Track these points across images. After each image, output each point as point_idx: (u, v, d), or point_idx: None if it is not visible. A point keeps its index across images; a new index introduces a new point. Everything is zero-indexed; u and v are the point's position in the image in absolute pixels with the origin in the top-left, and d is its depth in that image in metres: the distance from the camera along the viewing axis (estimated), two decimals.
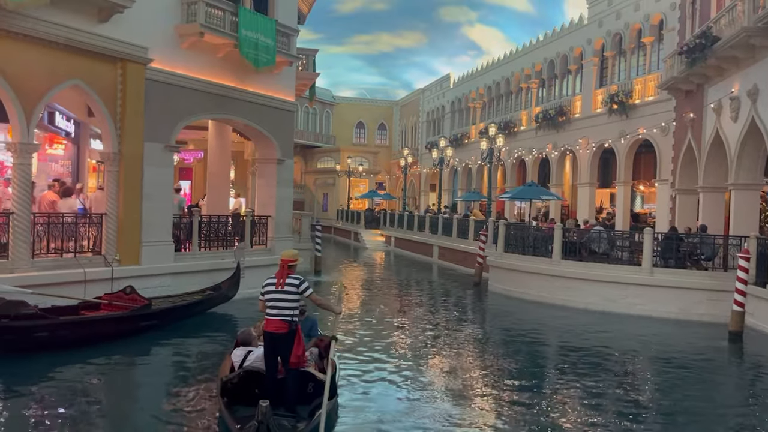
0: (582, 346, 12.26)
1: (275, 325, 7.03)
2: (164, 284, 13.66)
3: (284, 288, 7.04)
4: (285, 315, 7.03)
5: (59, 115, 15.42)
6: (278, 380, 7.19)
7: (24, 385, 8.49)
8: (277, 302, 7.04)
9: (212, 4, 14.32)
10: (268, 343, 7.13)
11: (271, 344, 7.11)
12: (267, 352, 7.19)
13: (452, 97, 42.55)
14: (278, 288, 7.05)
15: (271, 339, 7.08)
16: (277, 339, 7.04)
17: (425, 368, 10.33)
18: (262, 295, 7.20)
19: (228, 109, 15.70)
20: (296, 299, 7.08)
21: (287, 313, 7.04)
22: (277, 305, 7.04)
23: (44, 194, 13.35)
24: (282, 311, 7.02)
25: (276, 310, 7.04)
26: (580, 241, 17.03)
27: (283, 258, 7.25)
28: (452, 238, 26.24)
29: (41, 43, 11.51)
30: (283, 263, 7.19)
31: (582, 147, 26.43)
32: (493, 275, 19.22)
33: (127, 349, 10.54)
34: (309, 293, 7.20)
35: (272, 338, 7.07)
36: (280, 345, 7.07)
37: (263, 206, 17.54)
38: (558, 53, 29.40)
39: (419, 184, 47.61)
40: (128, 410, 8.08)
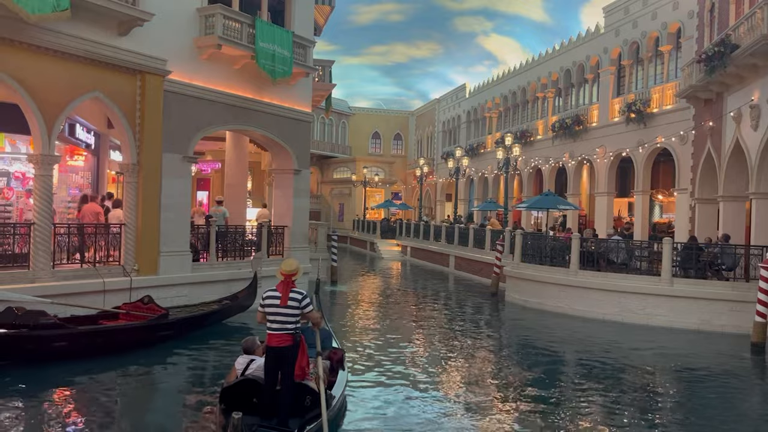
0: (601, 358, 12.12)
1: (279, 339, 6.84)
2: (182, 294, 13.76)
3: (288, 303, 6.82)
4: (288, 329, 6.85)
5: (80, 127, 15.63)
6: (276, 391, 7.05)
7: (43, 393, 8.58)
8: (280, 316, 6.84)
9: (230, 16, 14.48)
10: (271, 357, 6.92)
11: (274, 358, 6.90)
12: (268, 366, 6.98)
13: (468, 106, 42.53)
14: (283, 303, 6.82)
15: (274, 353, 6.88)
16: (281, 353, 6.85)
17: (441, 379, 10.27)
18: (261, 307, 6.97)
19: (245, 120, 15.82)
20: (298, 314, 6.89)
21: (290, 326, 6.85)
22: (279, 319, 6.84)
23: (89, 206, 13.61)
24: (285, 325, 6.84)
25: (278, 324, 6.85)
26: (598, 251, 16.88)
27: (285, 271, 6.96)
28: (468, 247, 26.13)
29: (62, 56, 11.70)
30: (286, 277, 6.93)
31: (599, 156, 26.26)
32: (509, 285, 19.09)
33: (144, 359, 10.59)
34: (309, 310, 6.98)
35: (276, 352, 6.87)
36: (284, 358, 6.88)
37: (280, 216, 17.61)
38: (574, 62, 29.30)
39: (435, 194, 47.55)
40: (144, 419, 8.12)
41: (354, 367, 10.50)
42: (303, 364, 7.10)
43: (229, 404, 6.95)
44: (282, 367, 6.92)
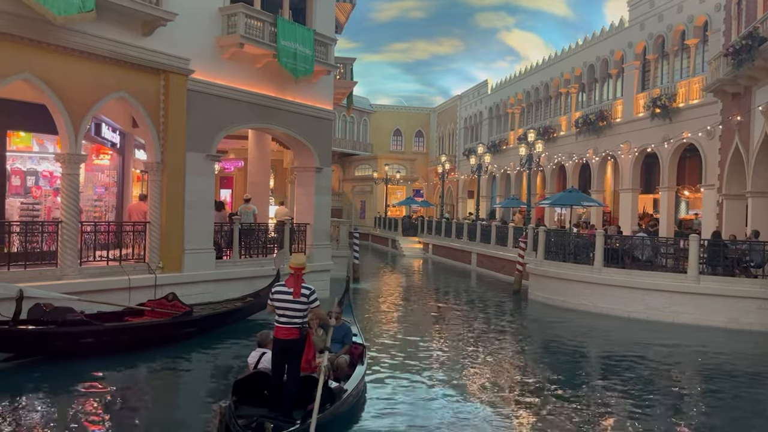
0: (625, 356, 11.98)
1: (287, 332, 7.04)
2: (205, 291, 13.90)
3: (299, 298, 7.02)
4: (296, 323, 7.05)
5: (105, 127, 15.84)
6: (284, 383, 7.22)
7: (70, 388, 8.73)
8: (289, 311, 7.04)
9: (252, 15, 14.56)
10: (278, 349, 7.13)
11: (281, 350, 7.11)
12: (276, 358, 7.19)
13: (490, 103, 42.27)
14: (295, 297, 7.02)
15: (281, 345, 7.09)
16: (288, 345, 7.05)
17: (462, 377, 10.22)
18: (271, 300, 7.20)
19: (267, 118, 15.91)
20: (306, 308, 7.09)
21: (298, 321, 7.06)
22: (288, 314, 7.04)
23: (136, 204, 14.20)
24: (293, 319, 7.04)
25: (286, 318, 7.05)
26: (622, 248, 16.68)
27: (295, 266, 7.19)
28: (491, 245, 25.99)
29: (88, 56, 11.88)
30: (297, 271, 7.14)
31: (624, 152, 25.93)
32: (532, 283, 18.96)
33: (168, 355, 10.73)
34: (316, 305, 7.18)
35: (283, 345, 7.08)
36: (291, 351, 7.07)
37: (302, 214, 17.70)
38: (598, 57, 28.94)
39: (457, 191, 47.38)
40: (168, 414, 8.22)
41: (375, 364, 10.54)
42: (309, 357, 7.27)
43: (240, 396, 7.13)
44: (288, 360, 7.10)
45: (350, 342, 9.22)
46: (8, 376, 9.28)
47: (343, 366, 8.52)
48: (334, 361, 8.45)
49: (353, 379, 8.24)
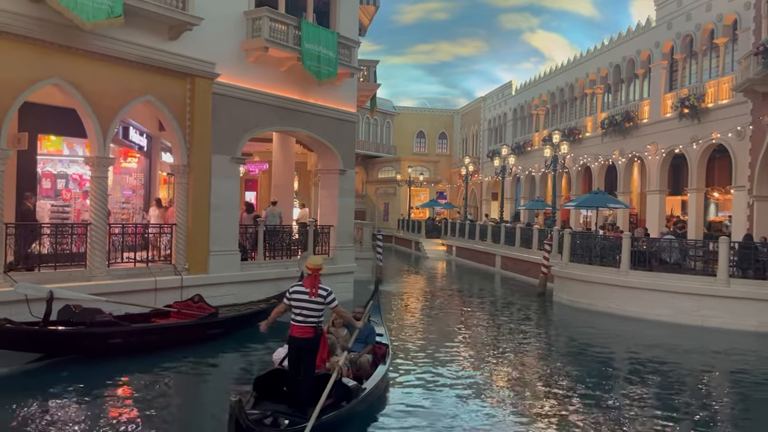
0: (653, 360, 11.79)
1: (302, 330, 7.21)
2: (230, 293, 14.01)
3: (316, 297, 7.19)
4: (311, 322, 7.22)
5: (133, 130, 16.08)
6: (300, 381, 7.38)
7: (99, 388, 8.87)
8: (305, 310, 7.20)
9: (276, 18, 14.67)
10: (294, 347, 7.30)
11: (296, 349, 7.27)
12: (292, 356, 7.35)
13: (514, 104, 42.00)
14: (312, 296, 7.19)
15: (296, 344, 7.25)
16: (303, 344, 7.21)
17: (486, 380, 10.16)
18: (287, 299, 7.37)
19: (291, 121, 16.00)
20: (322, 308, 7.26)
21: (313, 320, 7.22)
22: (305, 312, 7.21)
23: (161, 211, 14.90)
24: (308, 318, 7.20)
25: (302, 317, 7.21)
26: (649, 250, 16.43)
27: (312, 267, 7.33)
28: (515, 247, 25.81)
29: (116, 61, 12.07)
30: (313, 272, 7.29)
31: (651, 153, 25.56)
32: (558, 285, 18.78)
33: (194, 356, 10.83)
34: (334, 305, 7.36)
35: (298, 343, 7.24)
36: (305, 350, 7.23)
37: (326, 216, 17.76)
38: (624, 57, 28.59)
39: (481, 193, 47.13)
40: (195, 415, 8.30)
41: (399, 365, 10.56)
42: (324, 355, 7.50)
43: (261, 392, 7.42)
44: (303, 358, 7.24)
45: (373, 342, 9.34)
46: (39, 376, 9.46)
47: (366, 365, 8.67)
48: (357, 360, 8.61)
49: (373, 378, 8.35)
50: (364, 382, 8.14)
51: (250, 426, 6.04)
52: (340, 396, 7.33)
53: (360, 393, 7.61)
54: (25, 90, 10.87)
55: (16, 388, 8.86)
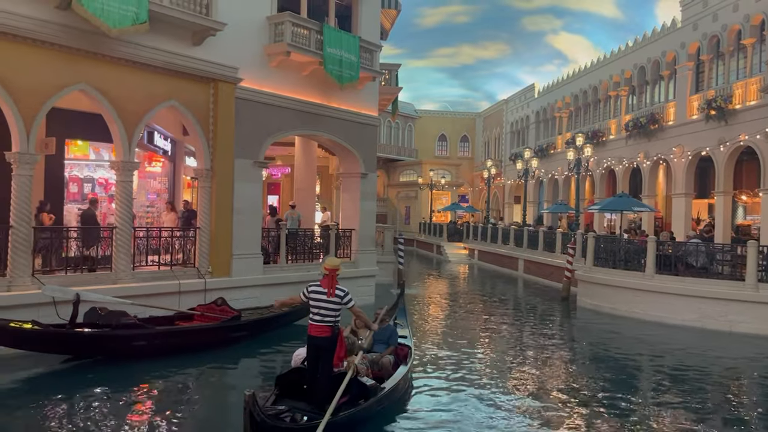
0: (679, 366, 11.60)
1: (319, 329, 7.39)
2: (253, 296, 14.10)
3: (333, 297, 7.38)
4: (328, 321, 7.39)
5: (157, 135, 16.29)
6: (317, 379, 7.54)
7: (124, 390, 8.97)
8: (323, 309, 7.39)
9: (298, 23, 14.75)
10: (311, 346, 7.49)
11: (314, 348, 7.46)
12: (310, 354, 7.55)
13: (537, 107, 41.71)
14: (329, 296, 7.38)
15: (314, 342, 7.44)
16: (320, 342, 7.39)
17: (509, 384, 10.06)
18: (305, 296, 7.56)
19: (313, 125, 16.07)
20: (339, 308, 7.44)
21: (330, 319, 7.39)
22: (322, 312, 7.39)
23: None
24: (325, 318, 7.38)
25: (320, 316, 7.39)
26: (675, 254, 16.19)
27: (329, 267, 7.52)
28: (538, 251, 25.60)
29: (141, 66, 12.24)
30: (331, 272, 7.48)
31: (676, 155, 25.19)
32: (581, 290, 18.58)
33: (217, 359, 10.91)
34: (351, 305, 7.53)
35: (316, 342, 7.42)
36: (323, 348, 7.40)
37: (347, 219, 17.79)
38: (649, 59, 28.23)
39: (503, 196, 46.86)
40: (217, 416, 8.35)
41: (421, 368, 10.55)
42: (341, 354, 7.64)
43: (282, 390, 7.62)
44: (321, 357, 7.41)
45: (395, 343, 9.47)
46: (66, 377, 9.60)
47: (387, 366, 8.76)
48: (379, 360, 8.73)
49: (393, 378, 8.45)
50: (385, 382, 8.23)
51: (264, 419, 6.21)
52: (356, 394, 7.48)
53: (378, 392, 7.73)
54: (52, 96, 11.07)
55: (44, 388, 9.01)
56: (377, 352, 9.07)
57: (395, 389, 8.29)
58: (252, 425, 6.15)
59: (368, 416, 7.59)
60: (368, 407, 7.48)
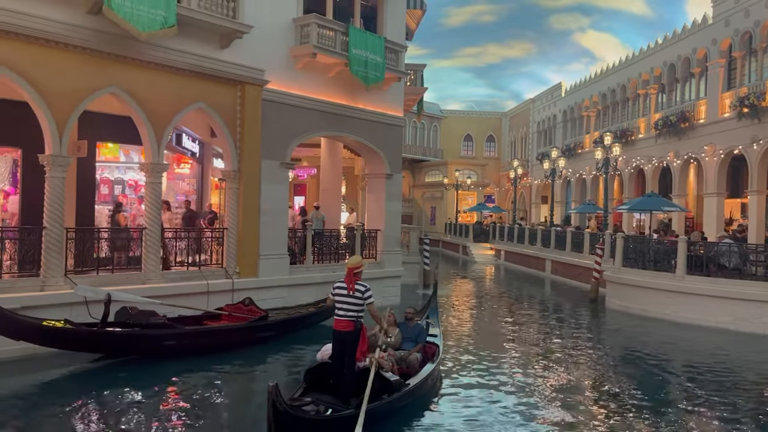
0: (712, 369, 11.38)
1: (342, 324, 7.82)
2: (280, 296, 14.19)
3: (353, 293, 7.78)
4: (350, 316, 7.80)
5: (186, 137, 16.49)
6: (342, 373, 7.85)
7: (154, 388, 9.11)
8: (345, 305, 7.81)
9: (324, 25, 14.81)
10: (337, 340, 7.90)
11: (339, 341, 7.87)
12: (335, 348, 7.98)
13: (564, 106, 41.29)
14: (349, 293, 7.80)
15: (338, 336, 7.85)
16: (344, 336, 7.80)
17: (536, 387, 9.95)
18: (331, 294, 8.00)
19: (339, 126, 16.12)
20: (361, 303, 7.79)
21: (352, 314, 7.80)
22: (344, 307, 7.81)
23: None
24: (348, 312, 7.79)
25: (343, 311, 7.82)
26: (707, 254, 15.87)
27: (349, 266, 7.99)
28: (566, 251, 25.33)
29: (169, 69, 12.41)
30: (350, 270, 7.93)
31: (708, 154, 24.71)
32: (610, 291, 18.33)
33: (245, 358, 11.01)
34: (370, 302, 7.86)
35: (340, 336, 7.84)
36: (346, 342, 7.80)
37: (373, 220, 17.81)
38: (679, 56, 27.75)
39: (530, 197, 46.49)
40: (245, 415, 8.42)
41: (448, 367, 10.60)
42: (363, 348, 8.01)
43: (310, 384, 8.00)
44: (345, 350, 7.81)
45: (423, 341, 9.70)
46: (98, 376, 9.77)
47: (415, 363, 8.98)
48: (407, 358, 8.96)
49: (419, 375, 8.64)
50: (410, 379, 8.43)
51: (286, 409, 6.43)
52: (379, 389, 7.67)
53: (402, 388, 7.96)
54: (84, 99, 11.28)
55: (76, 387, 9.18)
56: (406, 350, 9.26)
57: (420, 386, 8.44)
58: (275, 415, 6.33)
59: (392, 411, 7.78)
60: (391, 402, 7.69)
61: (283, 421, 6.37)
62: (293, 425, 6.46)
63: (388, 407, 7.62)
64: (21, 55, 10.45)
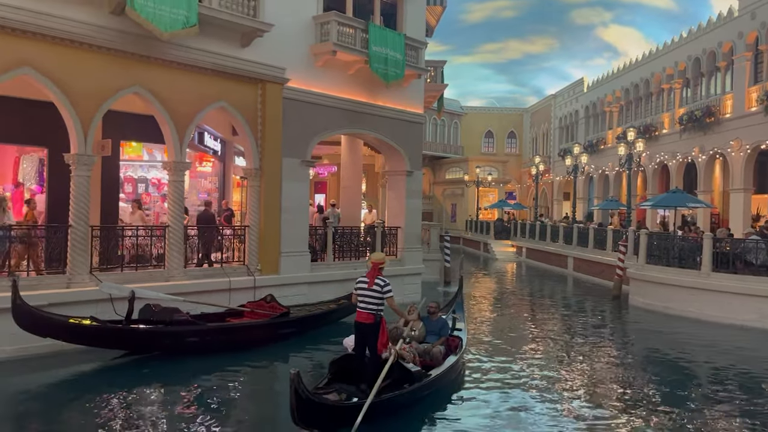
0: (739, 368, 11.19)
1: (363, 316, 8.21)
2: (301, 293, 14.26)
3: (373, 287, 8.17)
4: (371, 309, 8.18)
5: (208, 135, 16.63)
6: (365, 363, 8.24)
7: (177, 385, 9.21)
8: (366, 297, 8.21)
9: (344, 22, 14.82)
10: (358, 331, 8.33)
11: (360, 333, 8.29)
12: (356, 339, 8.42)
13: (586, 101, 40.87)
14: (369, 286, 8.18)
15: (360, 328, 8.27)
16: (365, 328, 8.21)
17: (558, 386, 9.87)
18: (355, 290, 8.36)
19: (359, 123, 16.14)
20: (380, 297, 8.16)
21: (372, 307, 8.17)
22: (365, 300, 8.21)
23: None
24: (368, 305, 8.18)
25: (364, 304, 8.21)
26: (733, 251, 15.61)
27: (374, 260, 8.48)
28: (588, 248, 25.09)
29: (191, 69, 12.51)
30: (374, 265, 8.39)
31: (734, 149, 24.29)
32: (633, 288, 18.12)
33: (266, 355, 11.09)
34: (389, 296, 8.23)
35: (361, 327, 8.26)
36: (367, 333, 8.19)
37: (393, 217, 17.80)
38: (704, 50, 27.30)
39: (552, 193, 46.11)
40: (267, 413, 8.49)
41: (471, 363, 10.68)
42: (383, 340, 8.31)
43: (334, 375, 8.32)
44: (365, 341, 8.23)
45: (446, 334, 10.00)
46: (123, 372, 9.90)
47: (438, 356, 9.27)
48: (430, 351, 9.30)
49: (441, 366, 8.94)
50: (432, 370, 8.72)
51: (308, 396, 6.71)
52: (399, 378, 8.03)
53: (423, 378, 8.29)
54: (108, 99, 11.43)
55: (103, 383, 9.31)
56: (429, 343, 9.52)
57: (442, 377, 8.73)
58: (297, 402, 6.57)
59: (413, 400, 8.07)
60: (412, 391, 8.00)
61: (305, 407, 6.63)
62: (315, 411, 6.77)
63: (409, 396, 7.93)
64: (46, 55, 10.62)
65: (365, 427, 6.98)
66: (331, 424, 6.90)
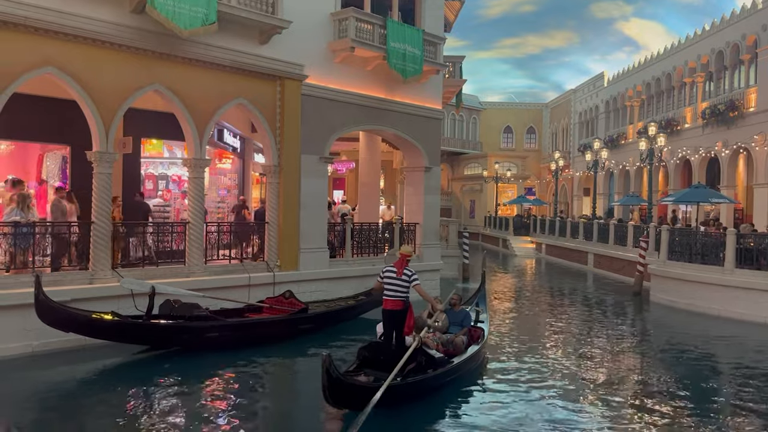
0: (762, 366, 11.00)
1: (391, 303, 8.74)
2: (320, 289, 14.31)
3: (401, 276, 8.72)
4: (399, 296, 8.73)
5: (227, 132, 16.73)
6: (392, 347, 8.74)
7: (197, 379, 9.30)
8: (394, 286, 8.73)
9: (362, 18, 14.81)
10: (386, 317, 8.84)
11: (389, 318, 8.81)
12: (385, 325, 8.90)
13: (607, 96, 40.43)
14: (398, 276, 8.72)
15: (388, 314, 8.79)
16: (393, 314, 8.75)
17: (578, 383, 9.79)
18: (380, 278, 8.88)
19: (377, 119, 16.12)
20: (408, 285, 8.73)
21: (401, 294, 8.73)
22: (393, 288, 8.73)
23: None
24: (397, 293, 8.72)
25: (392, 291, 8.73)
26: (758, 247, 15.36)
27: (402, 252, 9.12)
28: (609, 244, 24.86)
29: (210, 66, 12.59)
30: (403, 256, 8.99)
31: (758, 144, 23.88)
32: (654, 284, 17.92)
33: (286, 350, 11.15)
34: (416, 284, 8.78)
35: (390, 313, 8.78)
36: (395, 319, 8.74)
37: (411, 214, 17.78)
38: (728, 43, 26.84)
39: (571, 189, 45.73)
40: (287, 407, 8.55)
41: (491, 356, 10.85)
42: (410, 323, 8.85)
43: (363, 361, 8.71)
44: (394, 326, 8.75)
45: (468, 324, 10.46)
46: (144, 366, 10.02)
47: (460, 345, 9.69)
48: (453, 340, 9.72)
49: (463, 354, 9.39)
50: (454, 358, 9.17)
51: (338, 376, 7.22)
52: (422, 362, 8.46)
53: (446, 364, 8.79)
54: (129, 96, 11.55)
55: (124, 377, 9.44)
56: (452, 333, 9.89)
57: (464, 365, 9.21)
58: (329, 381, 7.06)
59: (436, 386, 8.55)
60: (435, 376, 8.48)
61: (336, 386, 7.13)
62: (345, 391, 7.30)
63: (432, 381, 8.46)
64: (69, 54, 10.75)
65: (390, 411, 7.47)
66: (360, 405, 7.19)
